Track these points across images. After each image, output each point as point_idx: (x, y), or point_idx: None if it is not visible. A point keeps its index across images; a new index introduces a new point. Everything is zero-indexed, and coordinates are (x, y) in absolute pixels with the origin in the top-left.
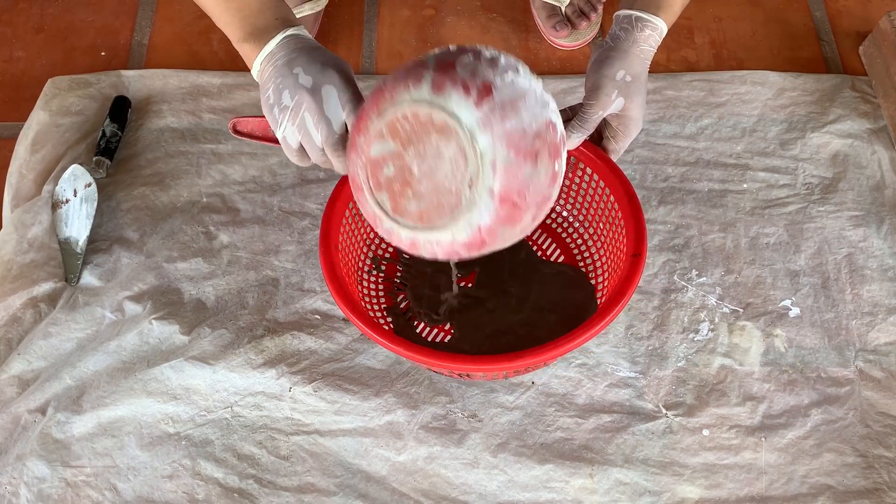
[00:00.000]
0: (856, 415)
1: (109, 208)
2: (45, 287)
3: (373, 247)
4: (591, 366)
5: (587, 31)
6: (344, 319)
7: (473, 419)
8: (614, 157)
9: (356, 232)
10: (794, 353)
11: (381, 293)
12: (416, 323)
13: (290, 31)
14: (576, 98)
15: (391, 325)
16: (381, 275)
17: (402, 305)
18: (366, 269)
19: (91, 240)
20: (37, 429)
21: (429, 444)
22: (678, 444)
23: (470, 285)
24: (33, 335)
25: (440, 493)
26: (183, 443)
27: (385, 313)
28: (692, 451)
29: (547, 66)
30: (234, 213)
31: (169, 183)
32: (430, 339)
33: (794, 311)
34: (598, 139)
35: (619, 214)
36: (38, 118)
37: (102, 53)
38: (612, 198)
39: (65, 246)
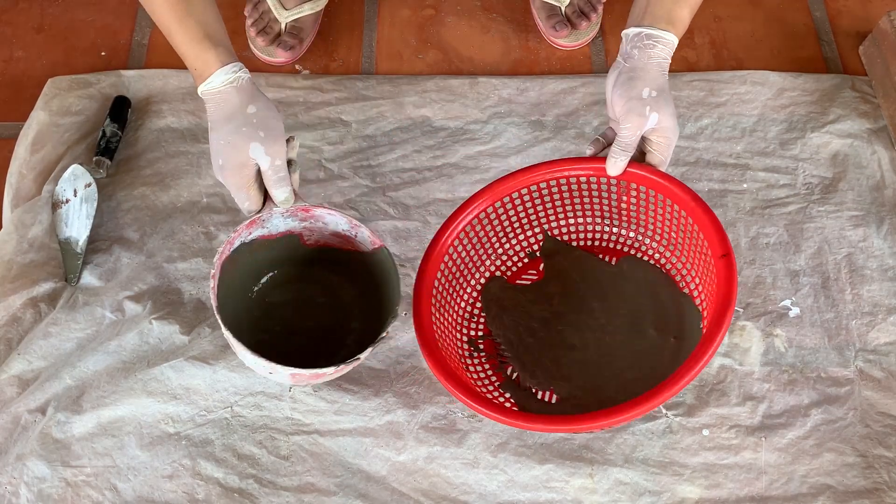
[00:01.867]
0: (856, 415)
1: (109, 208)
2: (45, 287)
3: (463, 329)
4: None
5: (587, 31)
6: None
7: (473, 419)
8: (664, 168)
9: (446, 320)
10: (794, 353)
11: (489, 372)
12: (534, 391)
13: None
14: (576, 98)
15: (512, 402)
16: (482, 354)
17: (513, 378)
18: (466, 353)
19: (91, 240)
20: (37, 429)
21: (429, 444)
22: (678, 443)
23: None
24: (33, 335)
25: (440, 492)
26: (183, 443)
27: (501, 390)
28: (692, 450)
29: (547, 66)
30: (235, 213)
31: (169, 183)
32: (549, 399)
33: (794, 311)
34: (640, 157)
35: (690, 221)
36: (38, 118)
37: (102, 53)
38: (675, 207)
39: (65, 246)
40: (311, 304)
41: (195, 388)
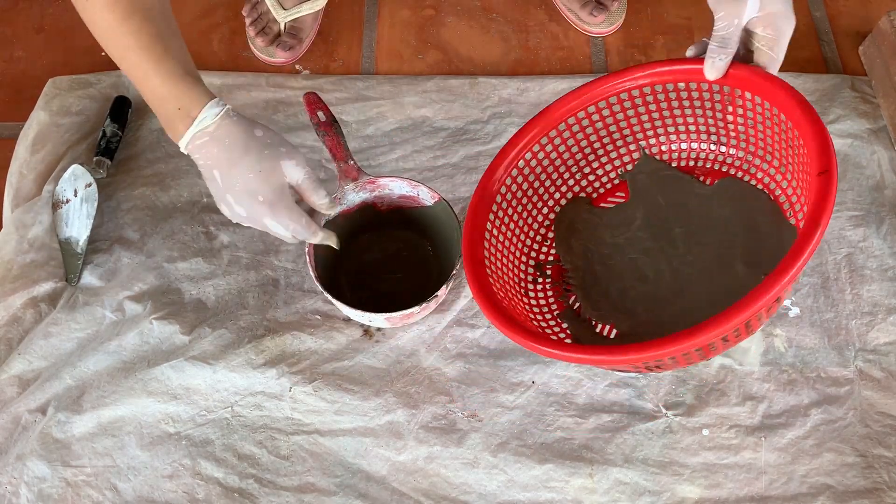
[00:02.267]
0: (855, 415)
1: (110, 208)
2: (46, 287)
3: (532, 253)
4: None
5: (619, 12)
6: (345, 320)
7: (473, 419)
8: (774, 69)
9: (510, 243)
10: (793, 352)
11: (550, 300)
12: (593, 323)
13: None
14: None
15: (567, 332)
16: (548, 280)
17: (574, 307)
18: (529, 278)
19: (91, 240)
20: (37, 429)
21: (429, 444)
22: (678, 443)
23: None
24: (33, 335)
25: (440, 492)
26: (183, 442)
27: (559, 320)
28: (692, 450)
29: (547, 67)
30: None
31: (169, 183)
32: (608, 334)
33: (794, 311)
34: (748, 58)
35: (795, 133)
36: (38, 118)
37: (103, 53)
38: (781, 116)
39: (65, 246)
40: (394, 259)
41: (195, 388)
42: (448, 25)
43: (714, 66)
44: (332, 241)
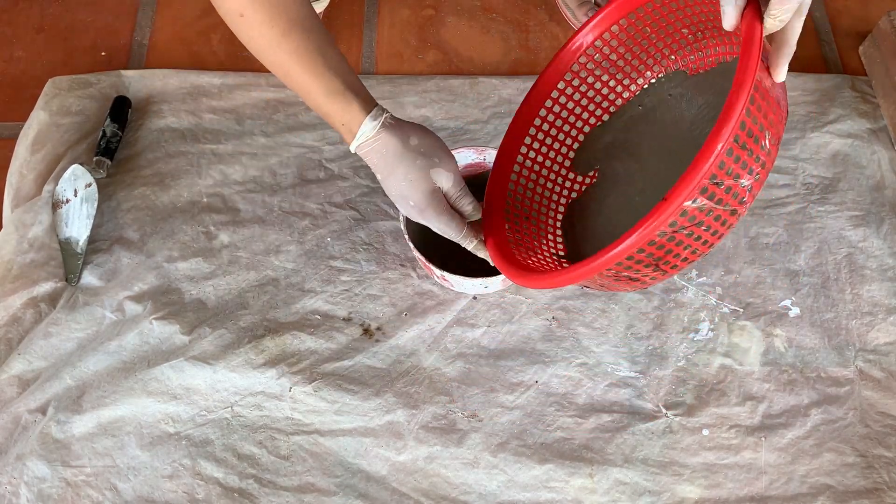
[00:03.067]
0: (856, 415)
1: (110, 208)
2: (46, 287)
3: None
4: (591, 365)
5: None
6: (345, 319)
7: (473, 419)
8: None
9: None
10: (793, 352)
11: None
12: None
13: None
14: None
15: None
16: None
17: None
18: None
19: (91, 240)
20: (37, 429)
21: (429, 444)
22: (678, 443)
23: None
24: (33, 335)
25: (440, 492)
26: (183, 443)
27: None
28: (692, 450)
29: None
30: (235, 213)
31: (169, 183)
32: None
33: (794, 311)
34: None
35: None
36: (38, 118)
37: (102, 53)
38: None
39: (65, 246)
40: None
41: (195, 388)
42: (448, 25)
43: (727, 15)
44: (483, 254)
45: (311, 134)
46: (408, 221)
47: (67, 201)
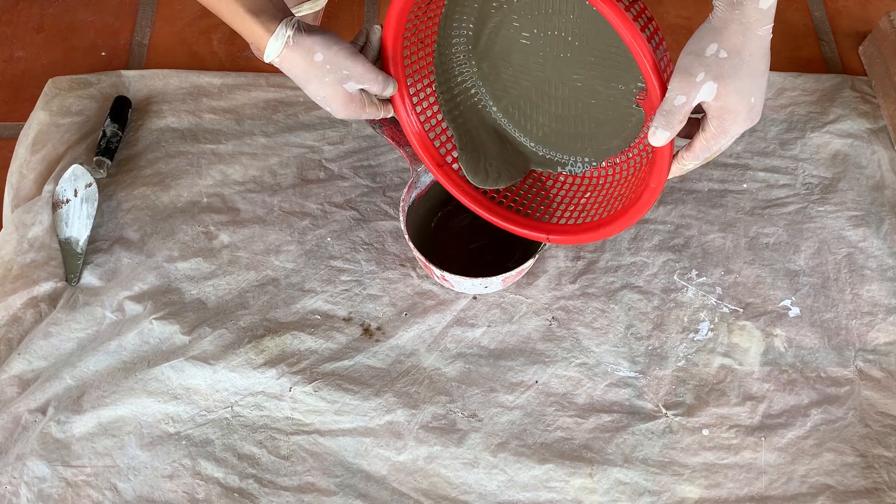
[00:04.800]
0: (855, 415)
1: (110, 208)
2: (46, 287)
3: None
4: (591, 365)
5: None
6: (345, 319)
7: (473, 419)
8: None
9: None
10: (793, 352)
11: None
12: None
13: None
14: None
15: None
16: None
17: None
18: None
19: (91, 240)
20: (37, 429)
21: (429, 444)
22: (678, 443)
23: None
24: (34, 335)
25: (440, 492)
26: (183, 442)
27: None
28: (692, 450)
29: None
30: (235, 213)
31: (169, 183)
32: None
33: (794, 311)
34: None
35: None
36: (38, 118)
37: (103, 53)
38: None
39: (65, 246)
40: (469, 230)
41: (195, 388)
42: None
43: (654, 135)
44: (385, 112)
45: (311, 134)
46: (408, 221)
47: (67, 201)
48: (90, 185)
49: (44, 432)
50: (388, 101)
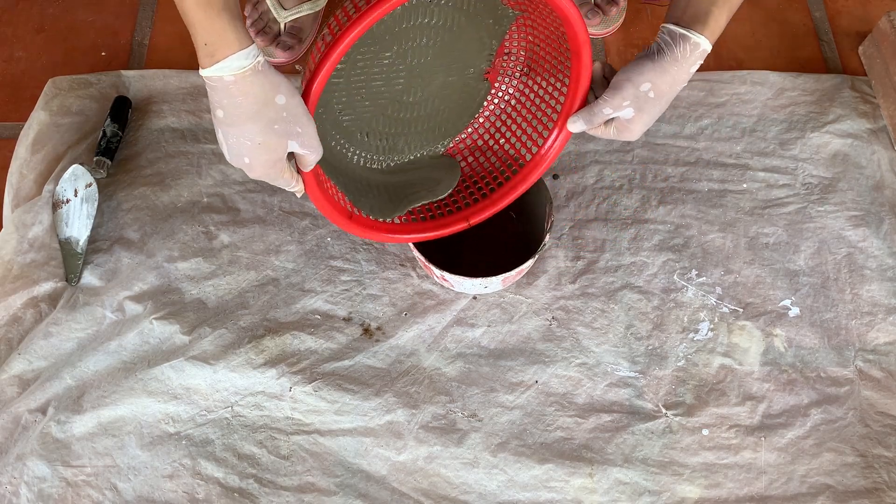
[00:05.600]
0: (855, 415)
1: (110, 208)
2: (46, 287)
3: None
4: (591, 365)
5: (616, 17)
6: (345, 319)
7: (473, 419)
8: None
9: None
10: (793, 352)
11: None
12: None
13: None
14: None
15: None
16: None
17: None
18: None
19: (92, 240)
20: (37, 428)
21: (429, 444)
22: (678, 443)
23: None
24: (34, 335)
25: (440, 492)
26: (183, 442)
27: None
28: (692, 450)
29: None
30: (235, 212)
31: (169, 183)
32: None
33: (794, 311)
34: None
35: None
36: (38, 118)
37: (103, 53)
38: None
39: (65, 246)
40: (476, 228)
41: (195, 388)
42: None
43: (573, 125)
44: (299, 189)
45: None
46: None
47: (67, 201)
48: (90, 185)
49: (44, 432)
50: (300, 175)
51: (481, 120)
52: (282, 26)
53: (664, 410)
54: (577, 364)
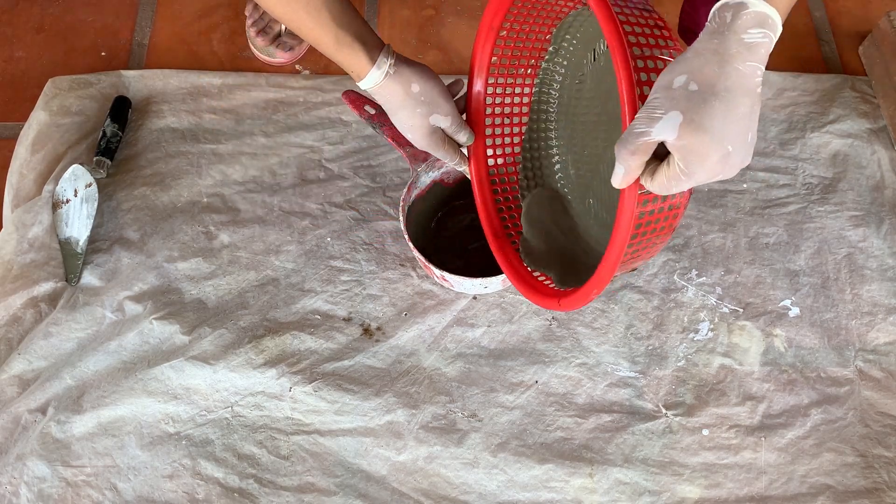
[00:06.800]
0: (855, 415)
1: (110, 208)
2: (46, 287)
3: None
4: (591, 365)
5: None
6: (345, 319)
7: (473, 419)
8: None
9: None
10: (793, 352)
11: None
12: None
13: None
14: None
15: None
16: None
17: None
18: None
19: (91, 240)
20: (37, 428)
21: (429, 444)
22: (678, 443)
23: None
24: (34, 335)
25: (440, 492)
26: (183, 442)
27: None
28: (692, 450)
29: None
30: (235, 213)
31: (169, 183)
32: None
33: (794, 311)
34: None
35: None
36: (38, 118)
37: (103, 53)
38: None
39: (65, 246)
40: (469, 231)
41: (195, 388)
42: (448, 25)
43: (616, 178)
44: (463, 167)
45: (310, 134)
46: (408, 221)
47: (67, 201)
48: (90, 185)
49: (44, 432)
50: (463, 150)
51: None
52: (282, 27)
53: (664, 410)
54: (577, 364)
